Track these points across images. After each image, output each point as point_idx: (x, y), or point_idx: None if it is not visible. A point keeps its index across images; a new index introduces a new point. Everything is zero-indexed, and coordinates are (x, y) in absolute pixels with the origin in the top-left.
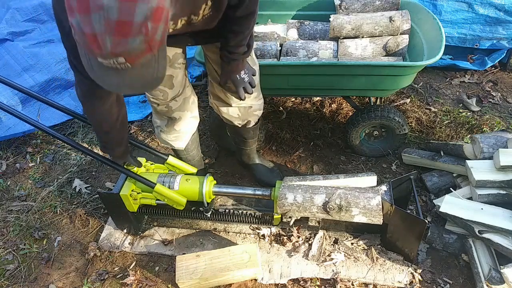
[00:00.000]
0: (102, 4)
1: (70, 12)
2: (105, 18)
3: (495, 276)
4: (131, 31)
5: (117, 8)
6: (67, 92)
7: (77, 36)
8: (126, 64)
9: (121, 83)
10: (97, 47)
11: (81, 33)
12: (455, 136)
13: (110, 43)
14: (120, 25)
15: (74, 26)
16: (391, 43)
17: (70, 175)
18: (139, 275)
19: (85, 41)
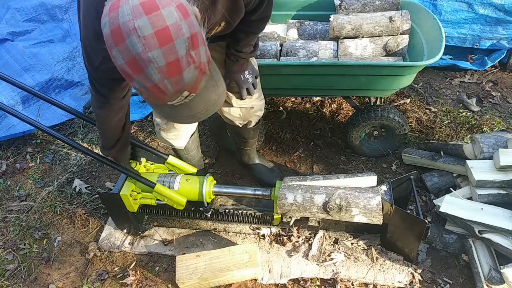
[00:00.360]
0: (149, 58)
1: (128, 78)
2: (157, 67)
3: (495, 276)
4: (181, 66)
5: (161, 54)
6: (67, 92)
7: (143, 94)
8: (191, 94)
9: (194, 112)
10: (162, 93)
11: (145, 89)
12: (455, 136)
13: (171, 85)
14: (170, 66)
15: (137, 87)
16: (391, 43)
17: (70, 175)
18: (139, 275)
19: (151, 93)
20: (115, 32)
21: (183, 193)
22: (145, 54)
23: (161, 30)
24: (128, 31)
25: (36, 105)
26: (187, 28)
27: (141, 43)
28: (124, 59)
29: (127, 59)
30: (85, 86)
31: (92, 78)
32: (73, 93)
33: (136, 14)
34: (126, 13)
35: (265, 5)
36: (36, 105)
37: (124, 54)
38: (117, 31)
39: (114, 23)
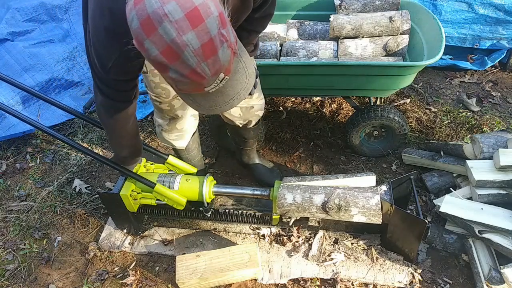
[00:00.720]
0: (184, 42)
1: (163, 69)
2: (193, 50)
3: (495, 276)
4: (216, 45)
5: (195, 36)
6: (67, 92)
7: (180, 83)
8: (225, 77)
9: (227, 98)
10: (200, 78)
11: (183, 77)
12: (455, 136)
13: (208, 67)
14: (206, 47)
15: (174, 77)
16: (391, 43)
17: (70, 175)
18: (139, 275)
19: (189, 81)
20: (145, 23)
21: (183, 193)
22: (180, 39)
23: (191, 12)
24: (159, 18)
25: (36, 105)
26: (214, 6)
27: (174, 27)
28: (159, 48)
29: (161, 48)
30: (85, 86)
31: (103, 82)
32: (73, 93)
33: (164, 0)
34: (153, 1)
35: (270, 2)
36: (36, 105)
37: (158, 43)
38: (147, 21)
39: (142, 14)
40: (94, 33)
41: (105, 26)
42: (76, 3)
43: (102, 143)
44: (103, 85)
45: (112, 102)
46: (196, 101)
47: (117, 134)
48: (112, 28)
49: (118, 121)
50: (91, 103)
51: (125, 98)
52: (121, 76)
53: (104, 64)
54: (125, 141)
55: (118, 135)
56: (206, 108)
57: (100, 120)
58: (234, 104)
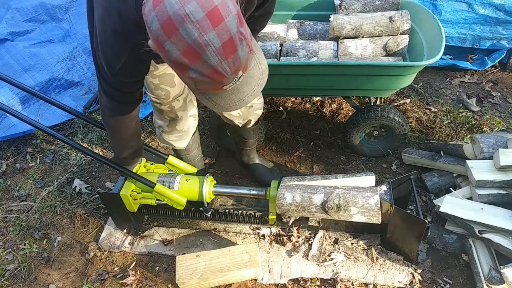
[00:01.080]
0: (206, 42)
1: (183, 70)
2: (214, 50)
3: (495, 276)
4: (236, 44)
5: (216, 35)
6: (67, 92)
7: (200, 83)
8: (243, 75)
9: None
10: (221, 76)
11: (203, 76)
12: (455, 136)
13: (228, 65)
14: (226, 46)
15: (194, 77)
16: (391, 43)
17: (70, 175)
18: (139, 275)
19: (209, 80)
20: (166, 24)
21: (183, 193)
22: (201, 38)
23: (212, 11)
24: (180, 19)
25: (36, 105)
26: (232, 5)
27: (196, 27)
28: (180, 49)
29: (182, 49)
30: (85, 86)
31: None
32: (73, 93)
33: (185, 1)
34: (173, 2)
35: (271, 0)
36: (36, 105)
37: (179, 44)
38: (168, 22)
39: (163, 15)
40: (102, 35)
41: (114, 28)
42: (76, 3)
43: (102, 143)
44: (108, 87)
45: (117, 103)
46: (211, 99)
47: (119, 135)
48: (121, 30)
49: (121, 123)
50: (91, 103)
51: (130, 99)
52: (128, 78)
53: (112, 66)
54: (126, 142)
55: (120, 136)
56: (221, 106)
57: (104, 121)
58: (249, 100)
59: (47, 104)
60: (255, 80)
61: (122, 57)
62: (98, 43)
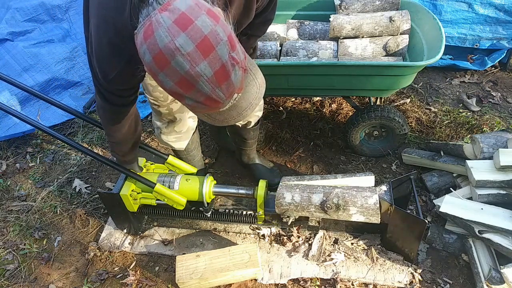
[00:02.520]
0: (198, 73)
1: (179, 98)
2: (206, 79)
3: (495, 276)
4: (228, 70)
5: (207, 65)
6: (67, 92)
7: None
8: (238, 95)
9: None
10: (216, 102)
11: (198, 103)
12: (455, 136)
13: (222, 92)
14: (219, 74)
15: (190, 104)
16: (391, 43)
17: (70, 175)
18: (139, 275)
19: (205, 106)
20: (158, 58)
21: (183, 193)
22: (193, 70)
23: (201, 42)
24: (171, 52)
25: (36, 105)
26: (222, 31)
27: (187, 60)
28: (173, 80)
29: (176, 80)
30: (85, 86)
31: (104, 89)
32: (73, 93)
33: (174, 34)
34: (163, 35)
35: (271, 8)
36: (36, 105)
37: (172, 76)
38: (160, 56)
39: (154, 49)
40: (97, 46)
41: (109, 39)
42: (76, 3)
43: (102, 143)
44: (103, 89)
45: (111, 106)
46: (211, 116)
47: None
48: (116, 42)
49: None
50: (91, 103)
51: (124, 102)
52: (121, 86)
53: (106, 74)
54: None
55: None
56: (220, 121)
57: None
58: (248, 114)
59: (47, 104)
60: (252, 95)
61: (117, 68)
62: (93, 51)
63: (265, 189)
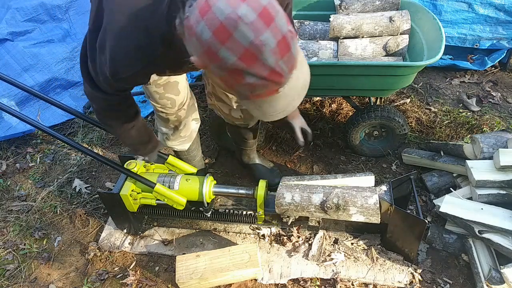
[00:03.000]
0: (262, 42)
1: (238, 76)
2: (270, 50)
3: (495, 276)
4: (288, 41)
5: (270, 35)
6: (67, 92)
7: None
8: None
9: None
10: (279, 76)
11: (261, 80)
12: (455, 136)
13: (285, 64)
14: (281, 45)
15: (251, 82)
16: (391, 43)
17: (70, 175)
18: (139, 275)
19: (267, 83)
20: (218, 31)
21: (183, 193)
22: (257, 40)
23: (262, 11)
24: (233, 23)
25: (36, 105)
26: (277, 4)
27: (251, 29)
28: (236, 54)
29: (239, 53)
30: None
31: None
32: (73, 93)
33: (234, 4)
34: (223, 7)
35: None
36: (36, 105)
37: (235, 48)
38: (221, 28)
39: (214, 23)
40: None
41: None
42: (76, 3)
43: (102, 143)
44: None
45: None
46: (262, 109)
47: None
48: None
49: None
50: None
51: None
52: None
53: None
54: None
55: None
56: (270, 115)
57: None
58: (296, 104)
59: (47, 104)
60: (304, 74)
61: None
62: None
63: (265, 189)
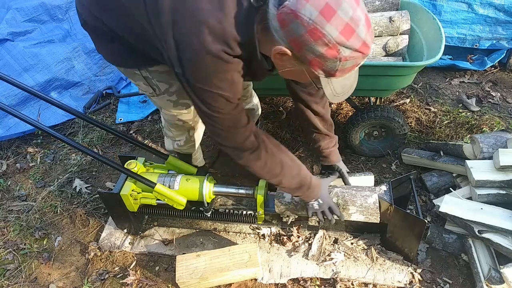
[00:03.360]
0: (357, 17)
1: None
2: (363, 24)
3: (494, 276)
4: (369, 18)
5: (361, 11)
6: (68, 92)
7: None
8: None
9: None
10: (367, 48)
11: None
12: (455, 136)
13: (369, 37)
14: (367, 20)
15: (346, 55)
16: (391, 43)
17: (70, 175)
18: (139, 275)
19: (359, 55)
20: (325, 10)
21: (183, 193)
22: (354, 14)
23: None
24: (337, 1)
25: (36, 105)
26: None
27: (349, 6)
28: (339, 28)
29: (341, 27)
30: (85, 86)
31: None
32: (74, 93)
33: None
34: None
35: None
36: (36, 105)
37: (338, 23)
38: (327, 7)
39: (319, 3)
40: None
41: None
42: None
43: (102, 143)
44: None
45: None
46: (334, 88)
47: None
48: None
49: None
50: (91, 103)
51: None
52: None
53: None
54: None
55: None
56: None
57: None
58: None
59: (48, 104)
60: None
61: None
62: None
63: (265, 189)
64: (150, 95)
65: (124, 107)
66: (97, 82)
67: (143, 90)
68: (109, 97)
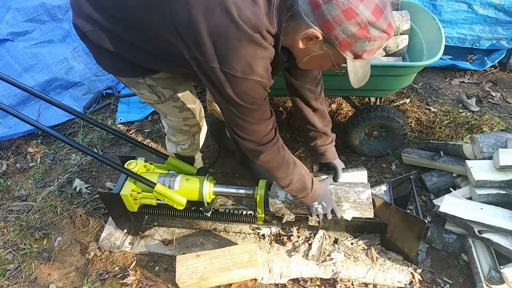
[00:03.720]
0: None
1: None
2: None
3: (495, 276)
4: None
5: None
6: (68, 92)
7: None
8: None
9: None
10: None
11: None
12: (455, 136)
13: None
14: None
15: (375, 35)
16: (391, 43)
17: (70, 175)
18: (139, 275)
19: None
20: None
21: (183, 193)
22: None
23: None
24: None
25: (36, 105)
26: None
27: None
28: (370, 9)
29: (372, 8)
30: (85, 86)
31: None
32: (74, 93)
33: None
34: None
35: None
36: (36, 105)
37: (369, 4)
38: None
39: None
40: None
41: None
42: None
43: (102, 143)
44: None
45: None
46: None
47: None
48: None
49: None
50: (91, 103)
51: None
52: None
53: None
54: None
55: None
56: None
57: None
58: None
59: (48, 104)
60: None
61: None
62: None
63: (265, 189)
64: (154, 103)
65: (124, 107)
66: (97, 82)
67: (147, 98)
68: (109, 97)
